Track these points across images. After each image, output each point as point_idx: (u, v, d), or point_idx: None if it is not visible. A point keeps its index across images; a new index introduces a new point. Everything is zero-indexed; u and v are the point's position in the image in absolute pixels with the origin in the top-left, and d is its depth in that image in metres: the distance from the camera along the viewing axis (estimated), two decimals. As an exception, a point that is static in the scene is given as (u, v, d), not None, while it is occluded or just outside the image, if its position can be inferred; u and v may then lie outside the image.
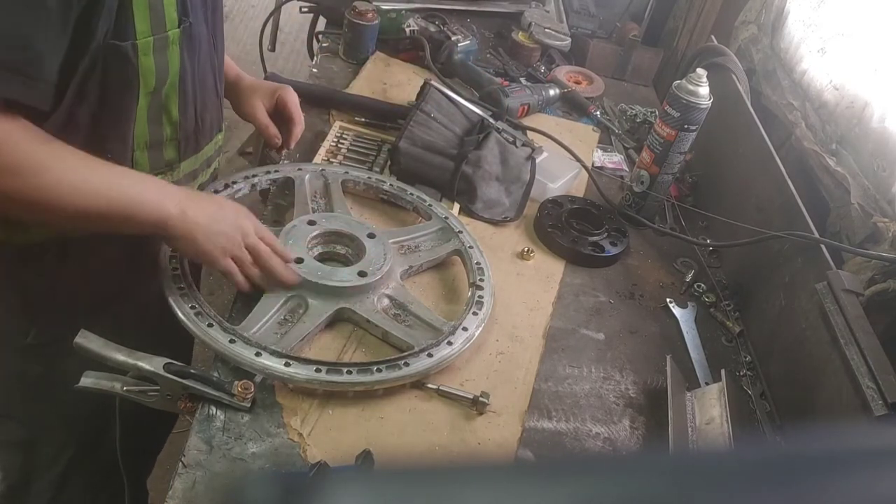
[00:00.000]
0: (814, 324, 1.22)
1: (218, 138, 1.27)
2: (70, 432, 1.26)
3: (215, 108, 1.23)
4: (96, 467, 1.31)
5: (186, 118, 1.13)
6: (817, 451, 0.37)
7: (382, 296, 1.21)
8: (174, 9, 1.00)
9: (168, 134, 1.12)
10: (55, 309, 1.15)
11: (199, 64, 1.12)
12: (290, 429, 1.02)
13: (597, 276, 1.47)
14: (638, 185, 1.60)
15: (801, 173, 1.51)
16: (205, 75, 1.15)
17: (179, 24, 1.02)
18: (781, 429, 1.24)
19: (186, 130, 1.15)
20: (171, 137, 1.12)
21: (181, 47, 1.04)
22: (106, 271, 1.17)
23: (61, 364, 1.16)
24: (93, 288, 1.17)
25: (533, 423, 1.14)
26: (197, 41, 1.09)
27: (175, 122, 1.11)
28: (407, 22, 1.97)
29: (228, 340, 1.06)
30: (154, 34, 0.99)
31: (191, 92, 1.12)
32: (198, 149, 1.21)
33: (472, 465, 0.35)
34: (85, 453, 1.28)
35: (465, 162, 1.50)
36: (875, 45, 1.48)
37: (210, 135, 1.23)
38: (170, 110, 1.09)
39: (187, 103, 1.12)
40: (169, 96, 1.07)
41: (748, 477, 0.34)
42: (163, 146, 1.12)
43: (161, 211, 1.02)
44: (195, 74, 1.11)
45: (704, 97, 1.48)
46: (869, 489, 0.34)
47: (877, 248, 1.26)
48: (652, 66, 2.22)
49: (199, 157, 1.22)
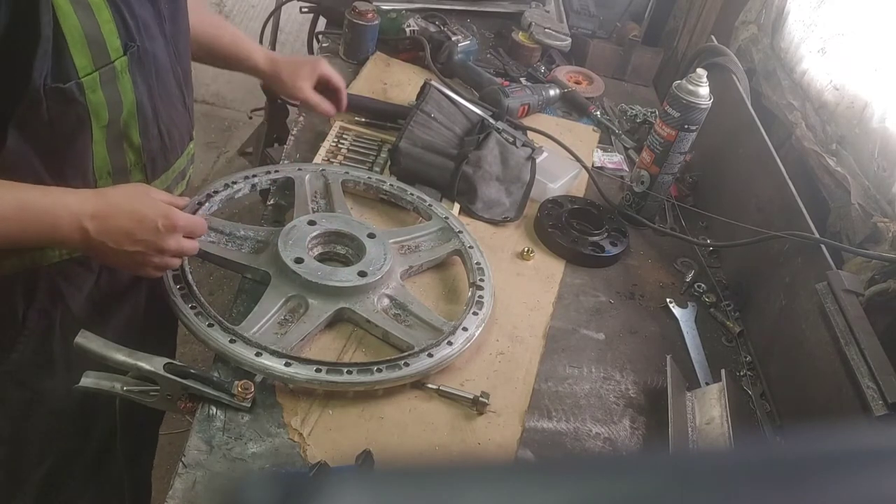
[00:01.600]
0: (814, 324, 1.22)
1: (189, 148, 1.22)
2: (50, 445, 1.23)
3: (183, 120, 1.17)
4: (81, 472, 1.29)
5: (150, 140, 1.08)
6: (817, 451, 0.37)
7: (382, 296, 1.21)
8: (115, 37, 0.95)
9: (132, 160, 1.07)
10: (28, 339, 1.12)
11: (160, 82, 1.07)
12: (290, 429, 1.02)
13: (597, 276, 1.47)
14: (638, 185, 1.60)
15: (802, 173, 1.51)
16: (168, 91, 1.10)
17: (126, 51, 0.97)
18: (781, 429, 1.24)
19: (152, 152, 1.09)
20: (135, 163, 1.07)
21: (132, 73, 0.99)
22: (79, 295, 1.14)
23: (37, 386, 1.16)
24: (66, 312, 1.13)
25: (533, 423, 1.14)
26: (151, 61, 1.03)
27: (137, 147, 1.06)
28: (407, 22, 1.97)
29: (228, 340, 1.06)
30: (97, 68, 0.93)
31: (151, 115, 1.06)
32: (167, 166, 1.15)
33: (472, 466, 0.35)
34: (65, 463, 1.26)
35: (465, 162, 1.50)
36: (875, 45, 1.48)
37: (180, 149, 1.18)
38: (130, 138, 1.04)
39: (148, 126, 1.06)
40: (128, 124, 1.02)
41: (748, 477, 0.34)
42: (128, 172, 1.07)
43: (58, 234, 0.96)
44: (154, 96, 1.05)
45: (704, 97, 1.48)
46: (869, 489, 0.34)
47: (877, 248, 1.26)
48: (652, 66, 2.22)
49: (169, 174, 1.17)
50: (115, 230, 0.98)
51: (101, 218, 0.97)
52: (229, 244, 1.24)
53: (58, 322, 1.13)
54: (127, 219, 0.99)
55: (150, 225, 1.00)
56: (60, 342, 1.12)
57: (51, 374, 1.14)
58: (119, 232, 0.98)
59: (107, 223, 0.97)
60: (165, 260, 1.05)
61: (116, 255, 1.00)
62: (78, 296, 1.13)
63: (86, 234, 0.96)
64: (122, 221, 0.99)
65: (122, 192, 1.02)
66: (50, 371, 1.14)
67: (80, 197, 0.98)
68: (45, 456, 1.24)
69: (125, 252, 0.99)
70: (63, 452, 1.25)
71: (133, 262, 1.02)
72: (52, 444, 1.23)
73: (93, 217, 0.97)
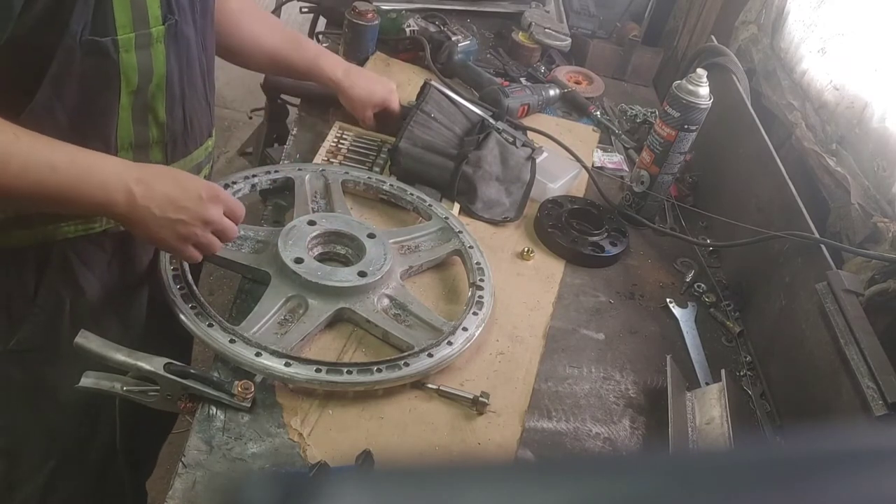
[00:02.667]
0: (814, 324, 1.22)
1: (208, 144, 1.23)
2: (53, 442, 1.23)
3: (205, 113, 1.19)
4: (82, 476, 1.28)
5: (174, 120, 1.09)
6: (817, 451, 0.37)
7: (382, 296, 1.21)
8: (157, 6, 0.97)
9: (154, 136, 1.07)
10: (37, 316, 1.12)
11: (189, 66, 1.08)
12: (290, 429, 1.02)
13: (597, 276, 1.47)
14: (638, 185, 1.60)
15: (801, 173, 1.51)
16: (194, 78, 1.12)
17: (164, 22, 0.99)
18: (781, 429, 1.24)
19: (174, 133, 1.11)
20: (157, 139, 1.08)
21: (167, 46, 1.01)
22: (91, 276, 1.14)
23: (42, 373, 1.15)
24: (77, 295, 1.13)
25: (533, 423, 1.14)
26: (185, 42, 1.05)
27: (162, 123, 1.07)
28: (407, 22, 1.97)
29: (228, 340, 1.06)
30: (136, 30, 0.95)
31: (178, 93, 1.08)
32: (186, 152, 1.16)
33: (472, 466, 0.35)
34: (70, 462, 1.26)
35: (465, 162, 1.50)
36: (875, 45, 1.48)
37: (200, 140, 1.19)
38: (156, 110, 1.05)
39: (174, 104, 1.08)
40: (155, 96, 1.03)
41: (748, 477, 0.34)
42: (149, 148, 1.08)
43: (105, 193, 0.95)
44: (183, 76, 1.07)
45: (704, 97, 1.48)
46: (869, 489, 0.34)
47: (877, 248, 1.26)
48: (652, 66, 2.22)
49: (187, 161, 1.18)
50: (160, 196, 0.98)
51: (146, 183, 0.98)
52: (229, 244, 1.24)
53: (68, 305, 1.12)
54: (171, 185, 1.00)
55: (193, 193, 1.01)
56: (69, 328, 1.11)
57: (56, 363, 1.13)
58: (164, 198, 0.98)
59: (152, 188, 0.98)
60: (208, 236, 1.04)
61: (159, 225, 0.99)
62: (90, 277, 1.13)
63: (132, 196, 0.96)
64: (167, 187, 0.99)
65: (161, 167, 1.05)
66: (55, 359, 1.13)
67: (123, 162, 0.99)
68: (49, 456, 1.23)
69: (169, 220, 0.99)
70: (66, 454, 1.24)
71: (176, 233, 1.01)
72: (56, 443, 1.23)
73: (138, 181, 0.97)
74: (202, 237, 1.04)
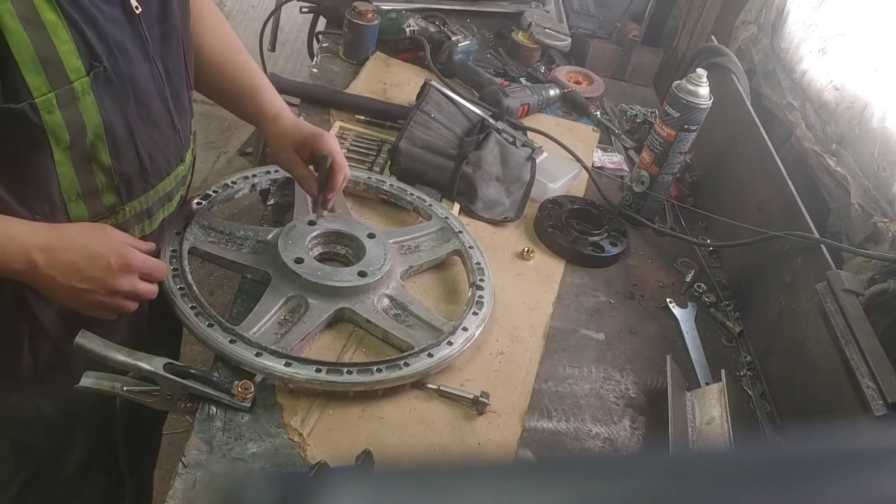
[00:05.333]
0: (814, 324, 1.22)
1: (179, 171, 1.15)
2: (22, 457, 1.20)
3: (170, 143, 1.10)
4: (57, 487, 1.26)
5: (123, 163, 1.02)
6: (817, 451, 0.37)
7: (382, 296, 1.21)
8: (75, 57, 0.89)
9: (103, 182, 1.01)
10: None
11: (140, 104, 1.01)
12: (290, 429, 1.02)
13: (597, 276, 1.47)
14: (638, 185, 1.60)
15: (801, 173, 1.51)
16: (151, 114, 1.04)
17: (89, 72, 0.91)
18: (781, 429, 1.24)
19: (126, 174, 1.03)
20: (107, 185, 1.01)
21: (98, 95, 0.93)
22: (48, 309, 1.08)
23: (6, 398, 1.13)
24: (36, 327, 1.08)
25: (533, 423, 1.14)
26: (126, 83, 0.97)
27: (108, 168, 1.00)
28: (407, 22, 1.98)
29: (229, 340, 1.06)
30: (55, 89, 0.88)
31: (125, 136, 1.00)
32: (148, 188, 1.09)
33: (472, 466, 0.35)
34: (42, 475, 1.23)
35: (465, 162, 1.50)
36: (875, 45, 1.48)
37: (166, 170, 1.11)
38: (99, 159, 0.98)
39: (121, 148, 1.00)
40: (95, 146, 0.97)
41: (748, 477, 0.34)
42: (99, 194, 1.02)
43: (5, 262, 0.92)
44: (130, 118, 1.00)
45: (704, 97, 1.48)
46: (869, 489, 0.34)
47: (877, 248, 1.26)
48: (652, 66, 2.22)
49: (150, 195, 1.10)
50: (65, 264, 0.95)
51: (52, 250, 0.94)
52: (229, 244, 1.24)
53: (27, 336, 1.08)
54: (79, 253, 0.96)
55: (102, 262, 0.97)
56: (29, 357, 1.09)
57: (19, 389, 1.12)
58: (69, 266, 0.95)
59: (57, 256, 0.94)
60: (117, 301, 1.00)
61: (64, 291, 0.96)
62: (47, 310, 1.08)
63: (33, 265, 0.93)
64: (73, 255, 0.95)
65: (79, 228, 0.99)
66: (17, 385, 1.11)
67: (31, 228, 0.94)
68: (20, 468, 1.21)
69: (74, 288, 0.95)
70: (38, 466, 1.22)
71: (81, 300, 0.98)
72: (25, 458, 1.20)
73: (42, 249, 0.93)
74: (112, 304, 1.00)
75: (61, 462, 1.24)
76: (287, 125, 1.26)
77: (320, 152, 1.22)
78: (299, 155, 1.24)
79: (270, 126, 1.27)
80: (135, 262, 1.00)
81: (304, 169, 1.25)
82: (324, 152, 1.22)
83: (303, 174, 1.25)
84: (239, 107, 1.31)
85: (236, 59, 1.29)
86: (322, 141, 1.23)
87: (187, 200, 1.26)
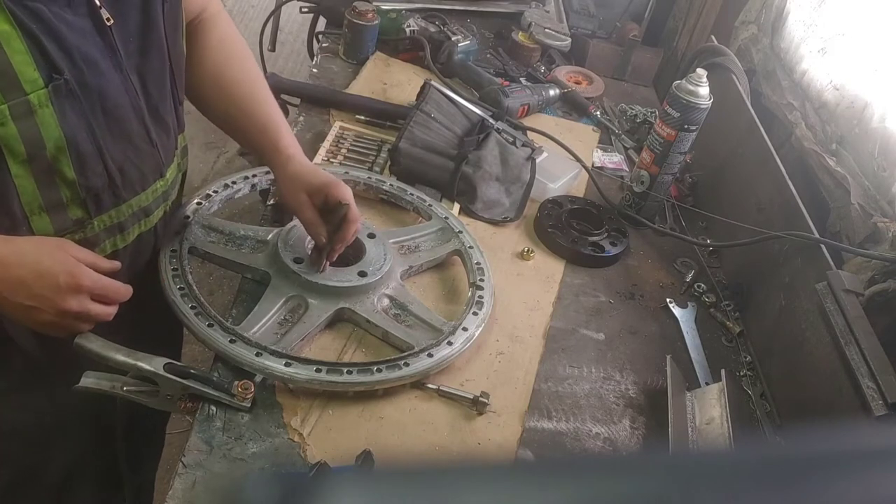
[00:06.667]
0: (814, 324, 1.22)
1: (157, 186, 1.11)
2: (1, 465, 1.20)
3: (148, 156, 1.07)
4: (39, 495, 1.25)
5: (90, 177, 0.98)
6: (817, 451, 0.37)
7: (382, 296, 1.21)
8: (32, 69, 0.86)
9: (67, 195, 0.97)
10: None
11: (109, 117, 0.97)
12: (290, 429, 1.02)
13: (597, 276, 1.47)
14: (638, 185, 1.60)
15: (801, 173, 1.51)
16: (121, 127, 1.00)
17: (48, 84, 0.88)
18: (781, 429, 1.24)
19: (94, 189, 1.00)
20: (71, 198, 0.98)
21: (59, 108, 0.90)
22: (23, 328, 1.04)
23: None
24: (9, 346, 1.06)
25: (533, 424, 1.14)
26: (92, 95, 0.94)
27: (72, 182, 0.96)
28: (407, 22, 1.98)
29: (229, 340, 1.06)
30: (7, 100, 0.85)
31: (92, 150, 0.96)
32: (119, 202, 1.05)
33: (472, 466, 0.35)
34: (24, 483, 1.22)
35: (465, 162, 1.50)
36: (875, 45, 1.48)
37: (143, 184, 1.07)
38: (63, 173, 0.95)
39: (87, 162, 0.96)
40: (58, 159, 0.93)
41: (748, 477, 0.34)
42: (65, 208, 0.98)
43: None
44: (96, 131, 0.96)
45: (704, 97, 1.48)
46: (869, 490, 0.34)
47: (877, 248, 1.26)
48: (652, 66, 2.22)
49: (122, 209, 1.06)
50: (13, 280, 0.92)
51: (2, 265, 0.91)
52: (229, 244, 1.24)
53: None
54: (29, 270, 0.92)
55: (50, 280, 0.93)
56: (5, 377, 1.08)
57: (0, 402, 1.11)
58: (15, 282, 0.92)
59: (8, 271, 0.91)
60: (67, 322, 0.96)
61: (12, 308, 0.93)
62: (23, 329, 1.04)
63: None
64: (23, 272, 0.92)
65: (35, 243, 0.95)
66: None
67: None
68: None
69: (21, 305, 0.92)
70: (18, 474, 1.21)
71: (30, 318, 0.94)
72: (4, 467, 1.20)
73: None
74: (62, 324, 0.96)
75: (43, 471, 1.23)
76: (303, 168, 1.21)
77: (336, 200, 1.17)
78: (311, 199, 1.19)
79: (285, 166, 1.21)
80: (86, 282, 0.95)
81: (314, 214, 1.19)
82: (340, 201, 1.17)
83: (312, 219, 1.19)
84: (254, 142, 1.26)
85: (256, 93, 1.25)
86: (339, 189, 1.18)
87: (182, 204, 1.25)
